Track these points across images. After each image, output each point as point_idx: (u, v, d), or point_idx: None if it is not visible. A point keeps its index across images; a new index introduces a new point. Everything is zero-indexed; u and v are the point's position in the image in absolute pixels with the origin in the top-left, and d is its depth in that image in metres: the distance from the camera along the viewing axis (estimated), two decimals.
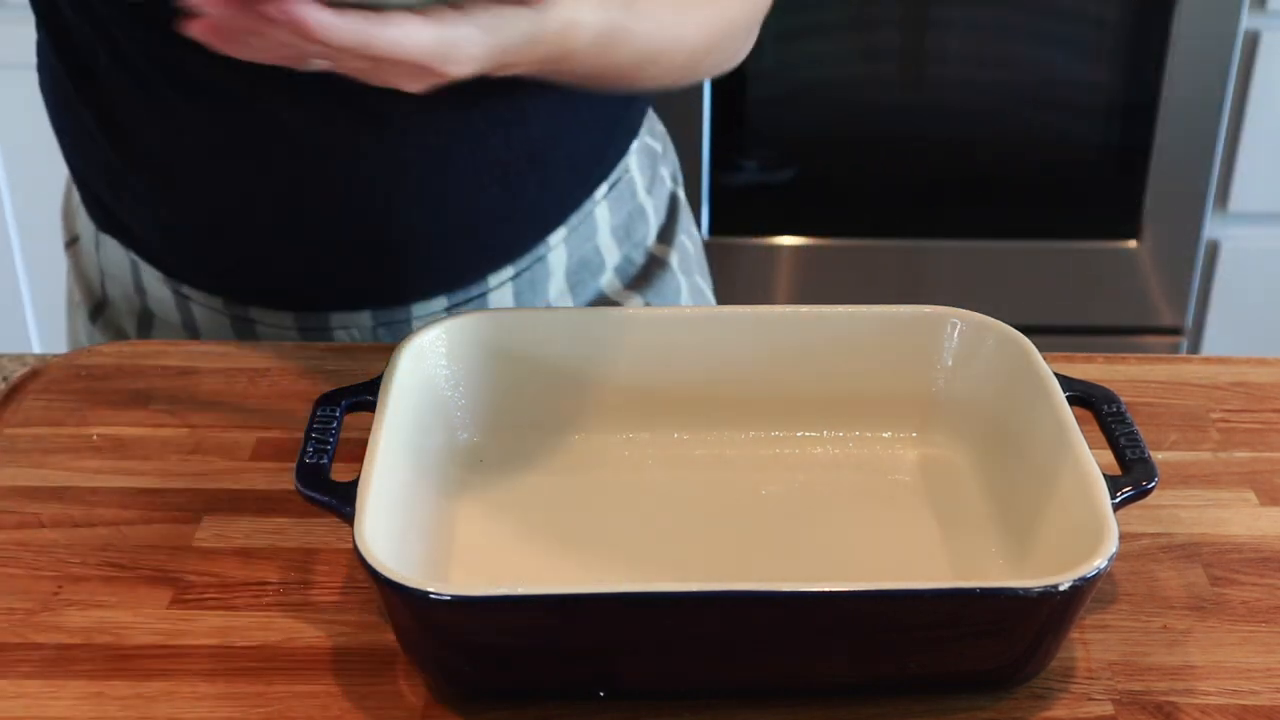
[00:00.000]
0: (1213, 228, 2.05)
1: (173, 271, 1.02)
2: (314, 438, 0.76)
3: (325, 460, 0.75)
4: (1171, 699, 0.72)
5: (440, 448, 0.83)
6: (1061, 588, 0.67)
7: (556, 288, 1.04)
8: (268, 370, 0.96)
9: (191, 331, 1.03)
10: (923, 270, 2.08)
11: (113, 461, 0.87)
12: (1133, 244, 2.05)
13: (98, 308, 1.07)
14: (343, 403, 0.79)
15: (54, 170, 2.15)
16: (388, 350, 0.84)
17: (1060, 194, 2.06)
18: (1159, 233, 2.03)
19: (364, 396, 0.80)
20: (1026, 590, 0.67)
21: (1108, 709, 0.72)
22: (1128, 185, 2.01)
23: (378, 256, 0.98)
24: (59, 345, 1.97)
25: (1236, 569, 0.80)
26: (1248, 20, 1.91)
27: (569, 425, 0.87)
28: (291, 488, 0.76)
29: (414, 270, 0.99)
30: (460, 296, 1.01)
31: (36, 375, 0.95)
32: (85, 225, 1.07)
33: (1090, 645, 0.75)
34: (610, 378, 0.86)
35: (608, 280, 1.07)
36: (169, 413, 0.92)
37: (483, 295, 1.01)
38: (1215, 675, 0.73)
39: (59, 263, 2.25)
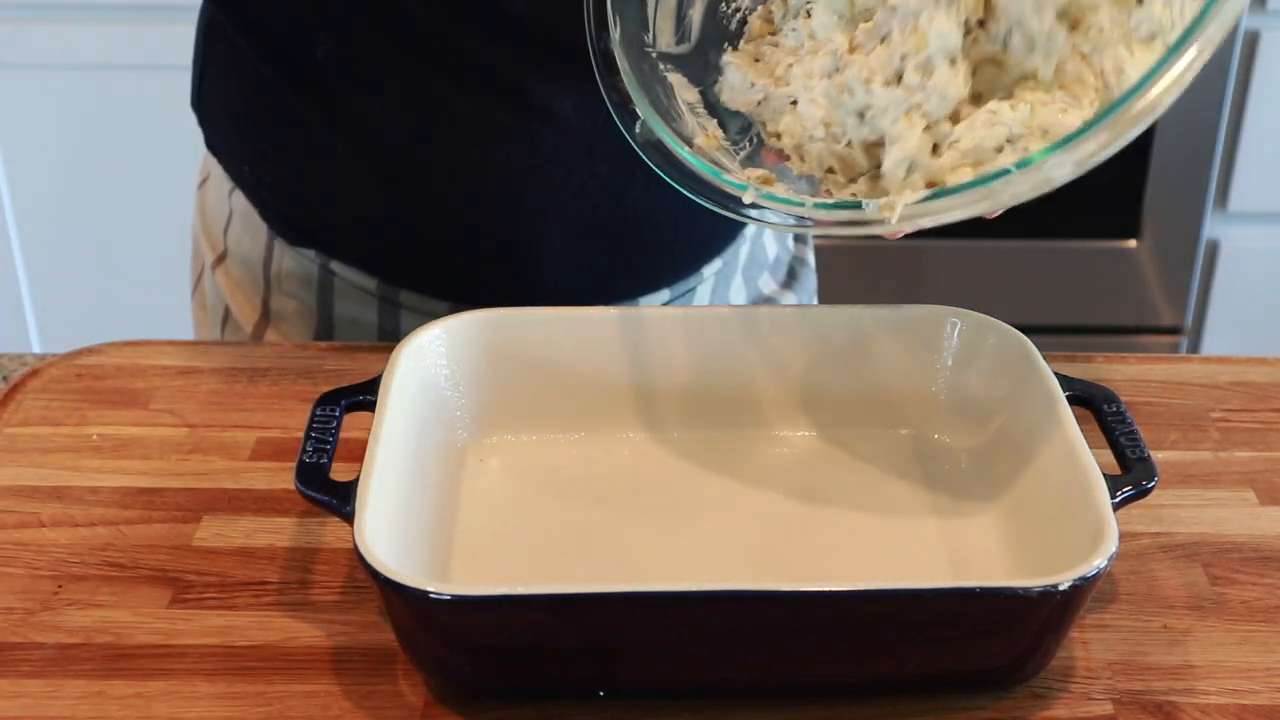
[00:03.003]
0: (1213, 227, 2.05)
1: (389, 275, 1.03)
2: (314, 437, 0.76)
3: (325, 460, 0.75)
4: (1171, 698, 0.72)
5: (440, 448, 0.83)
6: (1061, 588, 0.67)
7: (736, 283, 1.08)
8: (268, 370, 0.96)
9: (392, 339, 1.04)
10: (923, 270, 2.08)
11: (113, 461, 0.87)
12: (1133, 244, 2.05)
13: (262, 320, 1.07)
14: (342, 402, 0.79)
15: (54, 170, 2.16)
16: (388, 350, 0.84)
17: (1060, 194, 2.05)
18: (1159, 233, 2.03)
19: (364, 396, 0.80)
20: (1026, 590, 0.67)
21: (1108, 709, 0.72)
22: (1128, 185, 2.01)
23: (626, 244, 1.01)
24: (59, 345, 1.97)
25: (1236, 569, 0.80)
26: (1248, 20, 1.91)
27: (569, 425, 0.87)
28: (291, 488, 0.76)
29: (651, 260, 1.02)
30: (680, 288, 1.05)
31: (36, 375, 0.95)
32: (249, 242, 1.06)
33: (1090, 645, 0.75)
34: (610, 378, 0.86)
35: (764, 280, 1.11)
36: (169, 413, 0.92)
37: (692, 290, 1.05)
38: (1215, 675, 0.73)
39: (59, 263, 2.26)
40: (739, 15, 0.84)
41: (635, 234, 0.99)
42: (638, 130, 0.80)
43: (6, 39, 1.96)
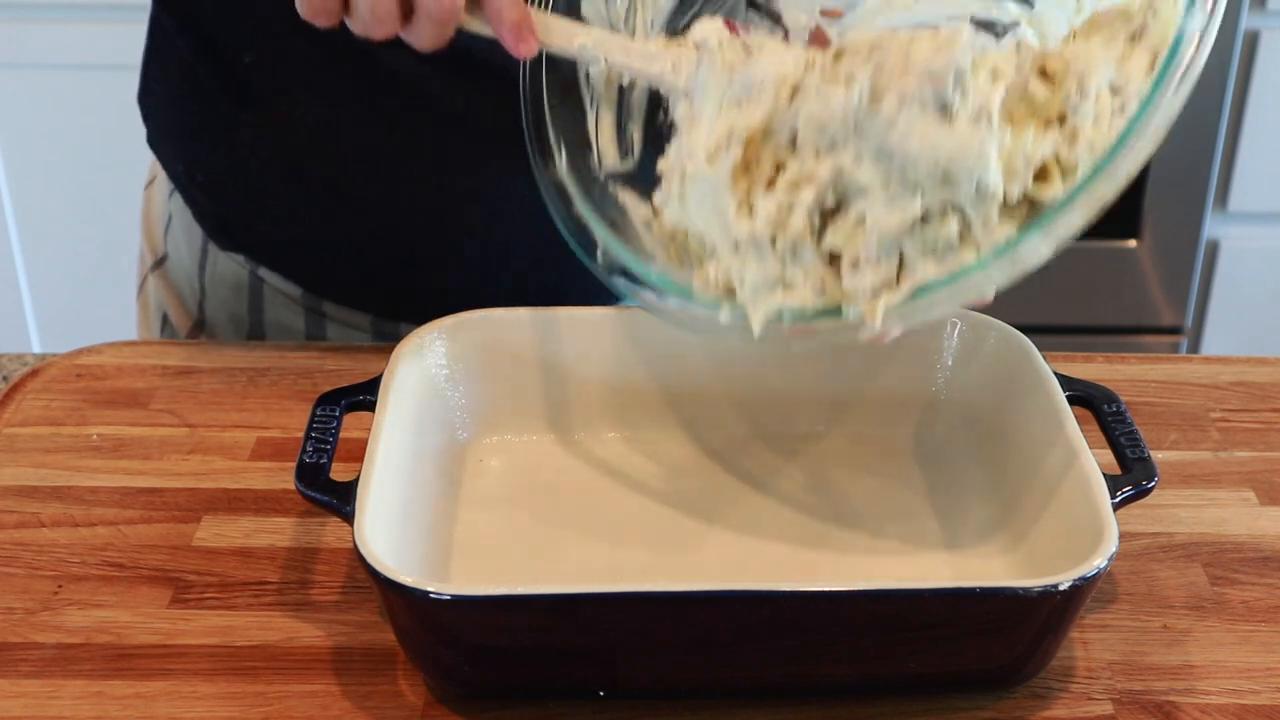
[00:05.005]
0: (1213, 227, 2.05)
1: (314, 286, 1.03)
2: (314, 437, 0.76)
3: (325, 460, 0.75)
4: (1171, 698, 0.72)
5: (440, 448, 0.83)
6: (1061, 587, 0.67)
7: None
8: (268, 370, 0.96)
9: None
10: None
11: (113, 461, 0.87)
12: (1133, 244, 2.04)
13: (195, 328, 1.08)
14: (342, 402, 0.79)
15: (54, 170, 2.16)
16: (388, 350, 0.84)
17: None
18: (1159, 233, 2.03)
19: (364, 396, 0.80)
20: (1026, 590, 0.67)
21: (1108, 709, 0.72)
22: (1128, 185, 2.01)
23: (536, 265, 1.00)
24: (59, 345, 1.97)
25: (1236, 569, 0.80)
26: (1248, 20, 1.91)
27: (569, 425, 0.87)
28: (291, 487, 0.76)
29: (580, 285, 0.99)
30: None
31: (36, 375, 0.95)
32: (185, 246, 1.06)
33: (1090, 645, 0.75)
34: (610, 378, 0.86)
35: None
36: (169, 413, 0.92)
37: None
38: (1215, 675, 0.73)
39: (59, 263, 2.26)
40: (673, 123, 0.85)
41: (560, 260, 0.98)
42: (599, 259, 0.80)
43: (6, 39, 1.96)
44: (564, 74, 0.82)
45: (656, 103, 0.84)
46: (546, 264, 0.99)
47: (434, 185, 0.97)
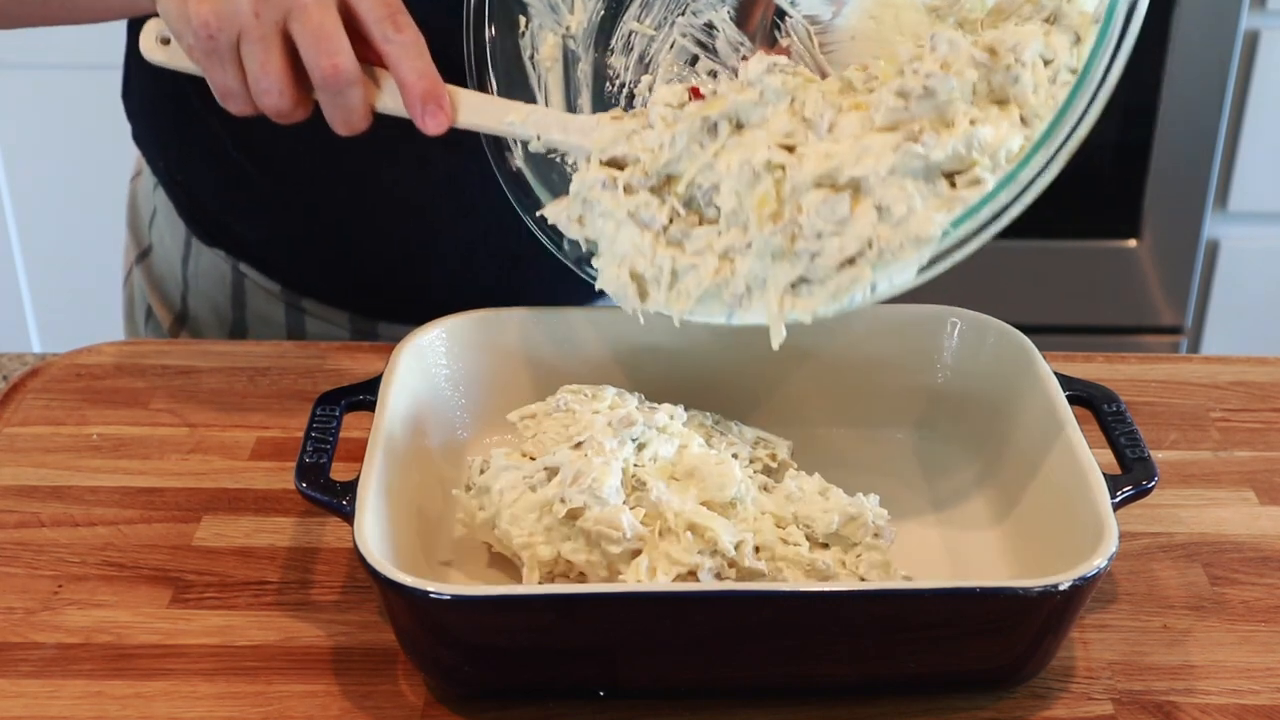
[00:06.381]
0: (1213, 227, 2.05)
1: (289, 281, 1.03)
2: (314, 437, 0.76)
3: (325, 460, 0.75)
4: (1171, 698, 0.72)
5: (440, 448, 0.83)
6: (1061, 588, 0.67)
7: None
8: (268, 370, 0.96)
9: (300, 339, 1.04)
10: None
11: (113, 461, 0.87)
12: (1133, 244, 2.04)
13: (178, 321, 1.08)
14: (342, 402, 0.79)
15: (54, 170, 2.15)
16: (388, 350, 0.84)
17: (1060, 194, 2.05)
18: (1159, 232, 2.03)
19: (364, 396, 0.80)
20: (1026, 590, 0.67)
21: (1108, 709, 0.72)
22: (1128, 185, 2.01)
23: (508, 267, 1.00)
24: (59, 345, 1.97)
25: (1236, 569, 0.80)
26: (1248, 20, 1.91)
27: None
28: (291, 487, 0.76)
29: (548, 284, 0.98)
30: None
31: (36, 375, 0.95)
32: (170, 239, 1.07)
33: (1090, 645, 0.75)
34: (610, 378, 0.86)
35: None
36: (169, 413, 0.92)
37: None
38: (1215, 675, 0.73)
39: (59, 263, 2.25)
40: (624, 90, 0.85)
41: (531, 260, 0.97)
42: (567, 247, 0.79)
43: (6, 39, 1.96)
44: (509, 58, 0.82)
45: (603, 75, 0.84)
46: (525, 260, 0.98)
47: (407, 185, 0.97)
